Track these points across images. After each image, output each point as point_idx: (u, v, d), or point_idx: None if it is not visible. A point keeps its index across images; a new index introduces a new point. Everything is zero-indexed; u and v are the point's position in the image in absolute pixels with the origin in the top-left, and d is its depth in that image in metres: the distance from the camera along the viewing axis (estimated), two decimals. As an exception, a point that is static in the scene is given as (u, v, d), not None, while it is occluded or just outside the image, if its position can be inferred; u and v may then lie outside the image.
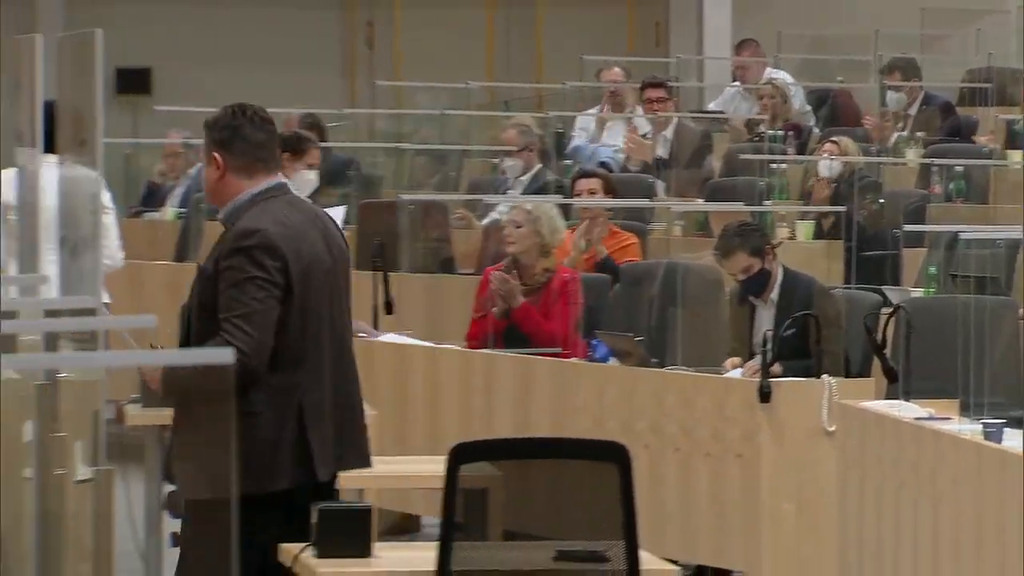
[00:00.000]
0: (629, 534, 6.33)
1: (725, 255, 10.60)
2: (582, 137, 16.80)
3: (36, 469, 5.15)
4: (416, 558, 6.68)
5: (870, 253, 12.80)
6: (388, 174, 16.29)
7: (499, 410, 11.10)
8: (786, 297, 10.44)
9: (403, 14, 20.31)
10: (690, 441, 10.33)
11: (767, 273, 10.51)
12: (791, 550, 10.09)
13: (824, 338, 10.22)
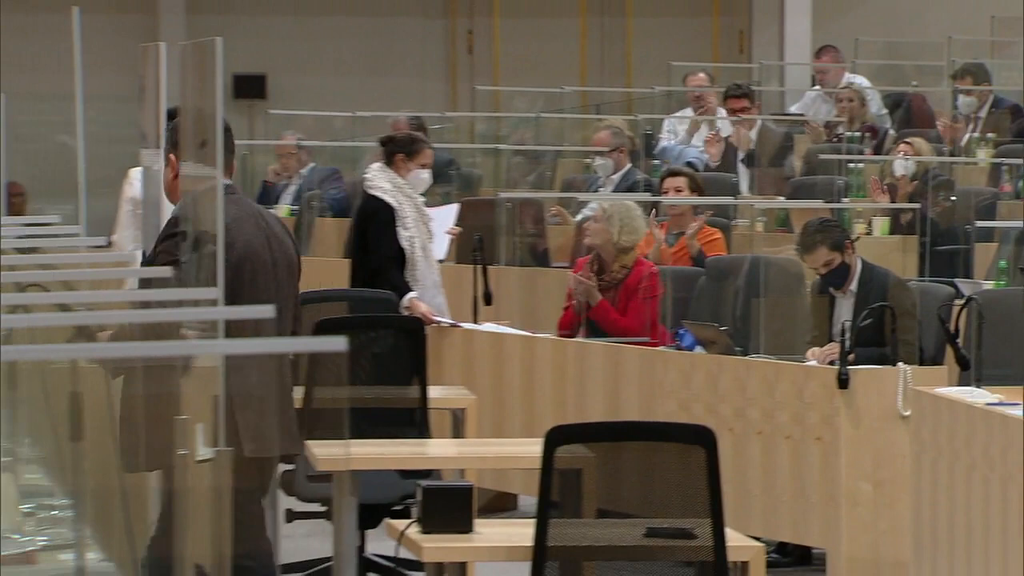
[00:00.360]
0: (715, 512, 6.33)
1: (807, 250, 10.58)
2: (669, 138, 16.80)
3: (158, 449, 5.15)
4: (515, 534, 6.69)
5: (943, 248, 12.76)
6: (487, 173, 16.31)
7: (591, 395, 11.10)
8: (864, 289, 10.41)
9: (501, 23, 20.30)
10: (772, 425, 10.32)
11: (846, 266, 10.48)
12: (868, 528, 10.06)
13: (900, 328, 10.19)
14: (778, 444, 10.29)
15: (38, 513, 5.50)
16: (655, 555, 6.41)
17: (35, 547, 5.36)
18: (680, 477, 6.40)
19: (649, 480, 6.49)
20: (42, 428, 5.40)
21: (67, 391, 5.15)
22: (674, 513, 6.40)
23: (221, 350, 5.44)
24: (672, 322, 11.10)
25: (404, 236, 11.43)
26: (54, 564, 5.24)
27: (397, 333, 9.70)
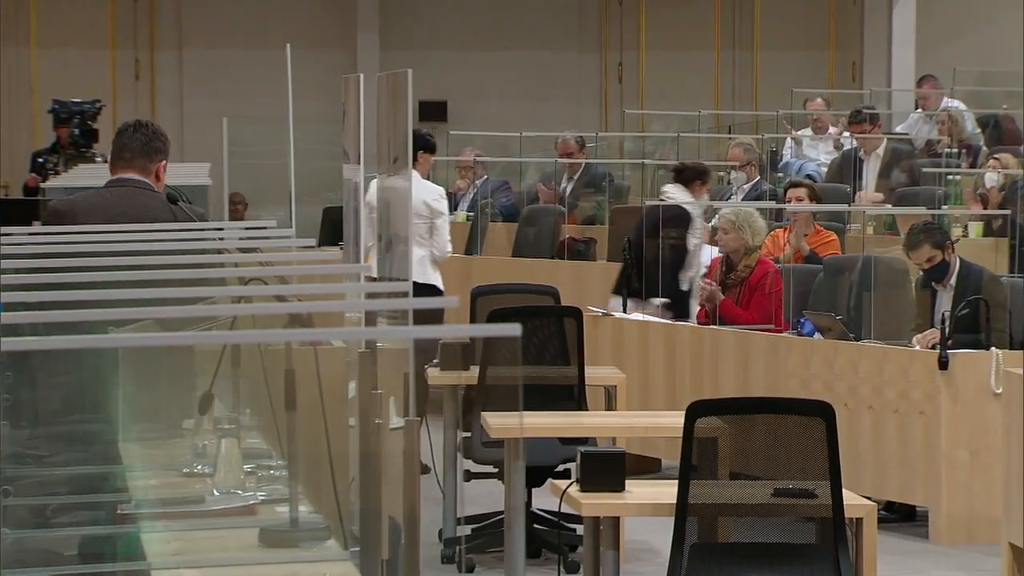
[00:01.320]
0: (833, 475, 6.30)
1: (912, 248, 10.52)
2: (789, 154, 16.72)
3: (358, 419, 5.18)
4: (660, 493, 6.68)
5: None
6: (634, 184, 16.29)
7: (724, 375, 11.09)
8: (962, 283, 10.33)
9: (647, 56, 20.29)
10: (881, 400, 10.26)
11: (946, 264, 10.41)
12: (964, 489, 9.99)
13: (993, 317, 10.12)
14: (887, 417, 10.24)
15: (258, 472, 5.54)
16: (781, 512, 6.38)
17: (256, 501, 5.40)
18: (802, 445, 6.38)
19: (775, 447, 6.46)
20: (261, 400, 5.43)
21: (282, 369, 5.19)
22: (797, 476, 6.37)
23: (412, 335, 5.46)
24: (794, 312, 11.06)
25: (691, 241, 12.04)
26: (271, 516, 5.27)
27: (558, 320, 9.70)
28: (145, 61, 20.01)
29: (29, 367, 4.75)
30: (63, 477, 5.31)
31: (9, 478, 4.46)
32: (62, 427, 5.36)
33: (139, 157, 7.29)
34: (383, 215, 7.73)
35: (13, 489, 4.45)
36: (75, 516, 5.19)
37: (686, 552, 6.34)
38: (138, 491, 5.41)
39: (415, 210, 11.80)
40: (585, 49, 20.35)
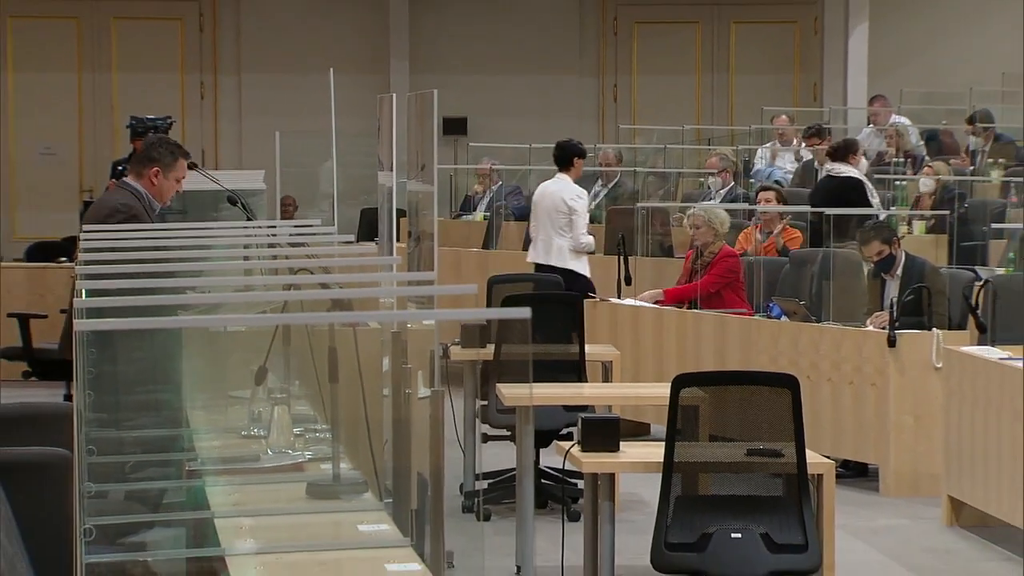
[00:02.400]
0: (798, 438, 6.28)
1: (865, 244, 10.50)
2: (760, 163, 16.69)
3: (391, 389, 5.18)
4: (650, 453, 6.67)
5: (966, 243, 12.63)
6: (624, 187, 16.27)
7: (704, 352, 11.07)
8: (907, 274, 10.31)
9: (638, 78, 20.26)
10: (838, 374, 10.25)
11: (894, 257, 10.39)
12: (910, 450, 9.98)
13: (934, 303, 10.10)
14: (843, 388, 10.23)
15: (305, 435, 5.54)
16: (753, 469, 6.37)
17: (303, 460, 5.40)
18: (771, 411, 6.36)
19: (748, 413, 6.44)
20: (308, 374, 5.43)
21: (326, 347, 5.18)
22: (767, 438, 6.35)
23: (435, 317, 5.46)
24: (764, 298, 11.06)
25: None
26: (317, 472, 5.27)
27: (562, 305, 9.69)
28: (209, 84, 20.00)
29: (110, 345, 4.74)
30: (139, 439, 5.32)
31: (93, 439, 4.45)
32: (138, 396, 5.36)
33: (134, 163, 7.51)
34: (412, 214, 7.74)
35: (96, 448, 4.45)
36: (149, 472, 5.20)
37: (672, 503, 6.33)
38: (203, 451, 5.42)
39: (556, 207, 12.19)
40: (585, 73, 20.31)
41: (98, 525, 4.14)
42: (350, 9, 19.72)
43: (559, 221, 12.11)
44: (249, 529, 4.78)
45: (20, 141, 19.72)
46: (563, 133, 18.55)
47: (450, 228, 15.32)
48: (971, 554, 8.79)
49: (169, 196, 7.43)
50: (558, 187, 12.29)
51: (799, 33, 20.28)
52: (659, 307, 11.55)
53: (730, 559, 6.25)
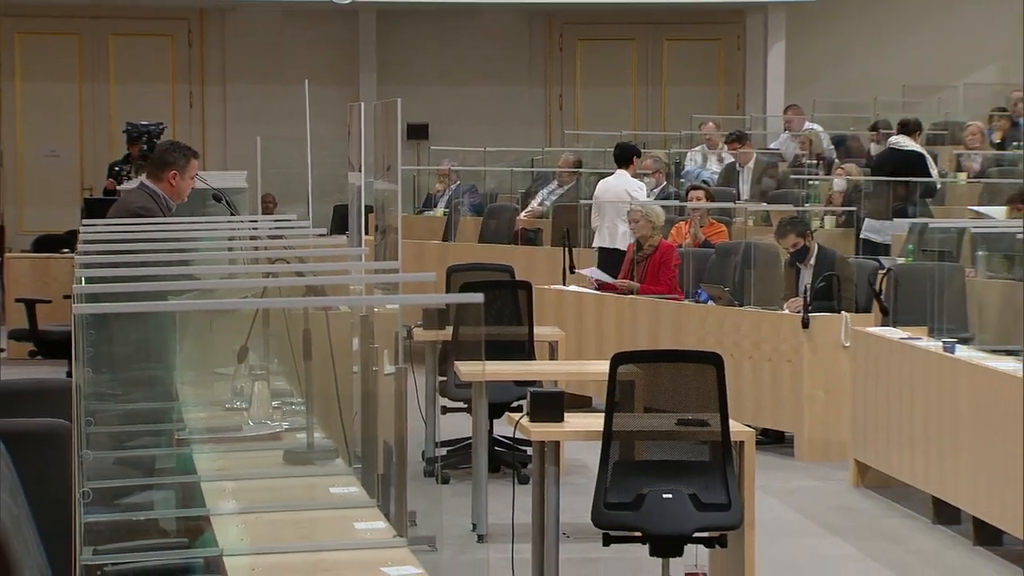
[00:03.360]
0: (722, 409, 6.28)
1: (781, 236, 10.53)
2: (691, 164, 16.70)
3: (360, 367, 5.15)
4: (591, 423, 6.67)
5: (871, 236, 12.70)
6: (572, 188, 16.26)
7: (639, 333, 11.09)
8: (819, 263, 10.34)
9: (581, 89, 20.26)
10: (758, 352, 10.28)
11: (807, 248, 10.41)
12: (821, 419, 10.02)
13: (843, 289, 10.14)
14: (762, 365, 10.25)
15: (282, 408, 5.51)
16: (683, 437, 6.36)
17: (281, 429, 5.38)
18: (699, 385, 6.35)
19: (678, 387, 6.44)
20: (285, 352, 5.40)
21: (301, 328, 5.16)
22: (695, 409, 6.35)
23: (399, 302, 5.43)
24: (693, 285, 11.07)
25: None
26: (293, 441, 5.25)
27: (513, 291, 9.68)
28: (197, 94, 19.90)
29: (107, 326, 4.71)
30: (133, 411, 5.28)
31: (92, 411, 4.42)
32: (132, 373, 5.33)
33: (150, 167, 7.55)
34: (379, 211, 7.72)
35: (94, 419, 4.42)
36: (142, 441, 5.17)
37: (610, 468, 6.32)
38: (191, 421, 5.39)
39: (620, 196, 12.34)
40: (534, 84, 20.29)
41: (95, 488, 4.12)
42: (323, 27, 19.66)
43: (623, 210, 12.32)
44: (232, 492, 4.76)
45: (27, 144, 19.61)
46: (514, 138, 18.60)
47: (413, 223, 15.29)
48: (875, 512, 8.83)
49: (187, 193, 7.55)
50: (619, 182, 12.66)
51: (724, 50, 20.32)
52: (600, 293, 11.56)
53: (662, 517, 6.25)
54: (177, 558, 4.23)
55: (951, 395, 8.14)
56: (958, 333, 8.65)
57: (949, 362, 8.19)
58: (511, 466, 9.17)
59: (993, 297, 9.45)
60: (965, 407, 7.97)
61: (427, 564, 4.05)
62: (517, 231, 14.58)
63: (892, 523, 8.57)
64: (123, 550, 4.22)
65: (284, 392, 5.57)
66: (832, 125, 17.98)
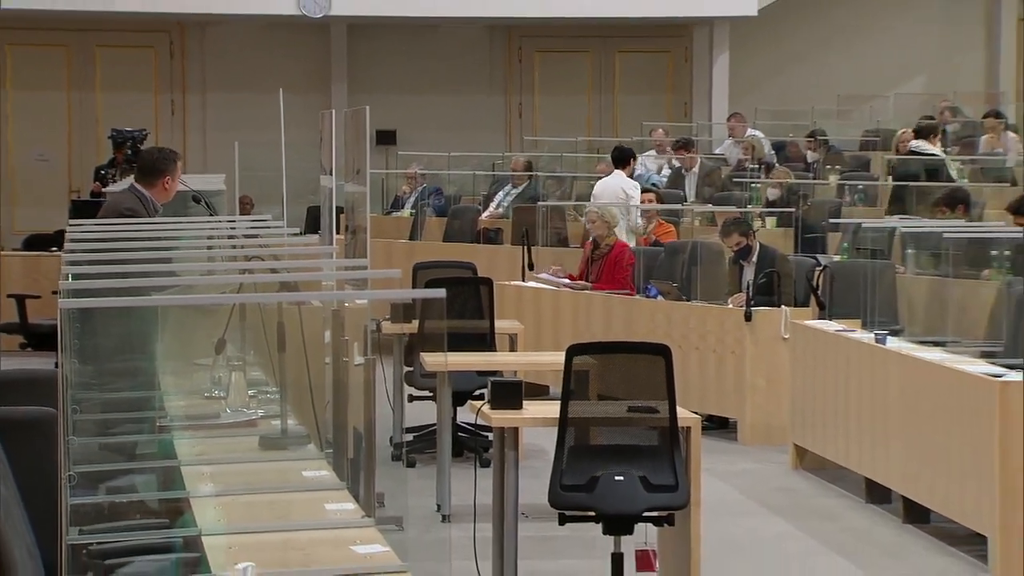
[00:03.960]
0: (670, 397, 6.29)
1: (726, 236, 10.55)
2: (642, 169, 16.71)
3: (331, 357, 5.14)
4: (548, 410, 6.67)
5: (808, 235, 12.72)
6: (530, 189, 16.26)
7: (594, 325, 11.10)
8: (761, 261, 10.37)
9: (539, 97, 20.24)
10: (704, 344, 10.30)
11: (750, 247, 10.44)
12: (762, 406, 10.05)
13: (783, 285, 10.16)
14: (708, 356, 10.28)
15: (258, 396, 5.49)
16: (634, 423, 6.36)
17: (256, 417, 5.35)
18: (648, 375, 6.35)
19: (629, 377, 6.44)
20: (260, 344, 5.38)
21: (275, 321, 5.14)
22: (645, 397, 6.35)
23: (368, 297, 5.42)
24: (643, 281, 11.09)
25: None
26: (268, 427, 5.23)
27: (475, 287, 9.67)
28: (179, 102, 19.81)
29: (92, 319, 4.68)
30: (117, 399, 5.25)
31: (78, 400, 4.39)
32: (116, 363, 5.29)
33: (142, 173, 7.55)
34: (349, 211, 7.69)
35: (79, 408, 4.38)
36: (126, 427, 5.14)
37: (566, 452, 6.32)
38: (172, 409, 5.36)
39: (616, 195, 12.42)
40: (494, 93, 20.26)
41: (81, 472, 4.09)
42: (297, 39, 19.60)
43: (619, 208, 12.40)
44: (210, 475, 4.73)
45: (18, 149, 19.50)
46: (477, 144, 18.57)
47: (381, 223, 15.26)
48: (812, 491, 8.86)
49: (173, 193, 7.58)
50: (615, 181, 12.76)
51: (672, 61, 20.35)
52: (557, 289, 11.56)
53: (614, 498, 6.26)
54: (158, 537, 4.21)
55: (882, 383, 8.17)
56: (889, 326, 8.68)
57: (880, 352, 8.22)
58: (473, 451, 9.16)
59: (921, 292, 9.48)
60: (895, 394, 8.01)
61: (394, 543, 4.04)
62: (479, 231, 14.57)
63: (827, 503, 8.60)
64: (107, 530, 4.19)
65: (260, 382, 5.54)
66: (773, 132, 18.04)
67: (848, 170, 16.00)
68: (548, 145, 18.07)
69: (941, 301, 8.86)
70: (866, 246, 10.58)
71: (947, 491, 7.50)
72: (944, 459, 7.50)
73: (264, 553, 3.98)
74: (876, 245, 10.58)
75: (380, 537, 4.10)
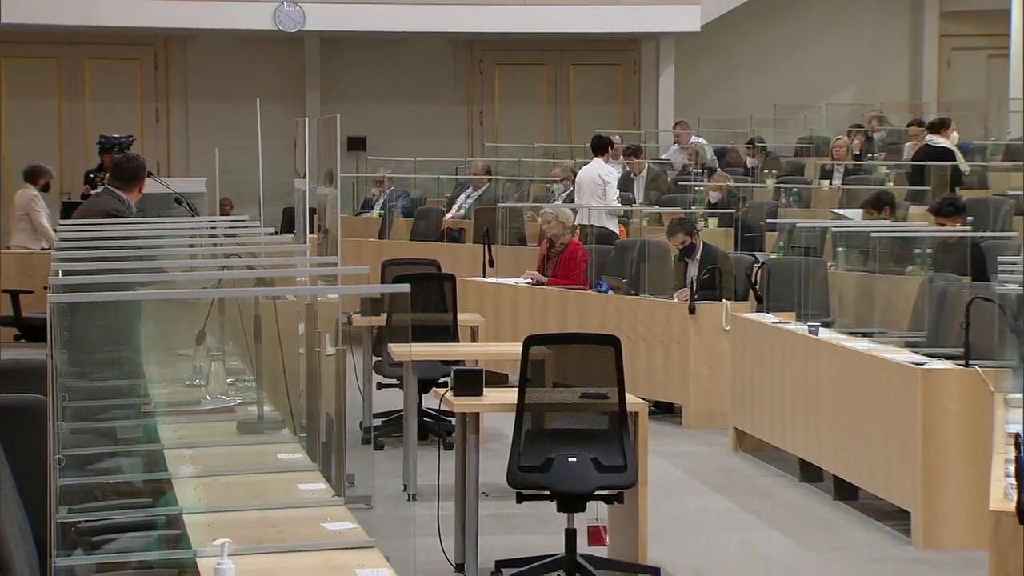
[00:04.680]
0: (620, 384, 6.29)
1: (672, 235, 10.56)
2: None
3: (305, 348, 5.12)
4: (507, 396, 6.67)
5: (747, 234, 12.76)
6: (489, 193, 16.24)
7: (550, 318, 11.09)
8: (704, 258, 10.39)
9: (499, 107, 20.23)
10: (651, 335, 10.31)
11: (694, 245, 10.45)
12: (705, 392, 10.07)
13: (724, 280, 10.18)
14: (655, 346, 10.29)
15: (236, 384, 5.46)
16: (586, 408, 6.37)
17: (235, 403, 5.32)
18: (600, 364, 6.36)
19: (582, 365, 6.45)
20: (238, 336, 5.35)
21: (252, 315, 5.11)
22: (596, 384, 6.36)
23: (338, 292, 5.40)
24: (596, 277, 11.10)
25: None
26: (245, 413, 5.20)
27: (439, 282, 9.65)
28: (163, 110, 19.71)
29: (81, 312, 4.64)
30: (103, 387, 5.21)
31: (67, 388, 4.36)
32: (103, 353, 5.26)
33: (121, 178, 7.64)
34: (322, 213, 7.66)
35: (68, 395, 4.35)
36: (112, 413, 5.10)
37: (523, 435, 6.32)
38: (155, 396, 5.33)
39: (593, 180, 12.40)
40: (458, 102, 20.24)
41: (69, 455, 4.06)
42: (273, 52, 19.53)
43: (596, 191, 12.42)
44: (191, 457, 4.71)
45: (12, 154, 19.35)
46: (441, 150, 18.55)
47: (352, 223, 15.21)
48: (750, 471, 8.89)
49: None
50: (594, 168, 12.80)
51: (622, 74, 20.38)
52: (516, 284, 11.56)
53: (567, 478, 6.26)
54: (142, 516, 4.18)
55: (815, 371, 8.20)
56: (821, 318, 8.72)
57: (813, 343, 8.26)
58: (437, 434, 9.15)
59: (850, 287, 9.52)
60: (826, 381, 8.04)
61: (363, 520, 4.03)
62: (443, 230, 14.55)
63: (765, 481, 8.63)
64: (94, 509, 4.17)
65: (238, 371, 5.52)
66: (715, 139, 18.09)
67: (784, 174, 16.08)
68: (507, 151, 18.07)
69: (869, 295, 8.91)
70: (800, 244, 10.62)
71: (874, 470, 7.55)
72: (871, 441, 7.54)
73: (241, 530, 3.96)
74: (809, 243, 10.62)
75: (350, 515, 4.09)
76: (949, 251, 9.42)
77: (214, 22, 18.11)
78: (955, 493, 7.00)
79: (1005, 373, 6.56)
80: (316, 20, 18.14)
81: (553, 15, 18.36)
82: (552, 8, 18.33)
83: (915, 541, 7.10)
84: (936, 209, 9.91)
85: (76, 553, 3.93)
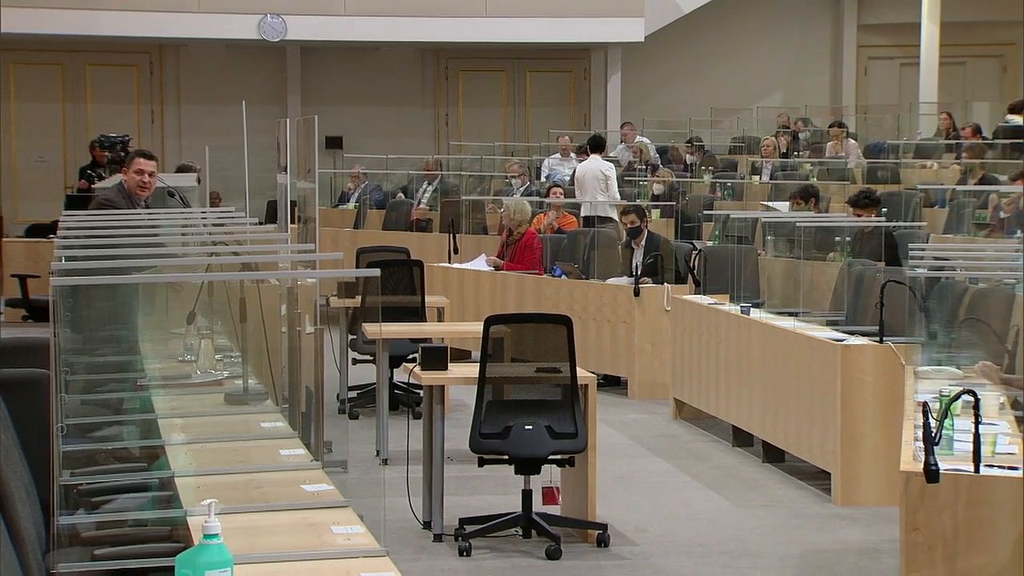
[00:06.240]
0: (572, 359, 6.30)
1: (625, 214, 10.56)
2: (548, 168, 16.70)
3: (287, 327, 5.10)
4: (470, 370, 6.66)
5: (687, 224, 12.79)
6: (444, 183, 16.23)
7: (508, 300, 11.09)
8: (648, 244, 10.40)
9: (464, 109, 20.18)
10: (600, 315, 10.32)
11: (641, 229, 10.45)
12: (648, 366, 10.09)
13: (665, 265, 10.21)
14: (603, 325, 10.30)
15: (224, 360, 5.43)
16: (541, 381, 6.38)
17: (222, 377, 5.30)
18: (554, 341, 6.37)
19: (538, 342, 6.45)
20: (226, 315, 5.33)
21: (238, 297, 5.09)
22: (550, 359, 6.36)
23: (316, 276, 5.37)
24: (550, 262, 11.09)
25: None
26: (232, 386, 5.17)
27: (409, 268, 9.63)
28: (157, 112, 19.57)
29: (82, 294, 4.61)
30: (103, 362, 5.18)
31: (69, 363, 4.33)
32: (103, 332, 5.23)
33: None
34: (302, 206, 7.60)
35: (71, 369, 4.32)
36: (110, 386, 5.07)
37: (484, 406, 6.33)
38: (150, 371, 5.30)
39: (596, 176, 12.31)
40: (426, 105, 20.18)
41: (71, 424, 4.04)
42: (258, 59, 19.42)
43: (599, 186, 12.33)
44: (182, 426, 4.69)
45: (20, 152, 19.22)
46: (410, 148, 18.50)
47: (329, 214, 15.16)
48: (689, 438, 8.92)
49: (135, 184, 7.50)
50: (594, 164, 12.74)
51: (574, 79, 20.38)
52: (482, 270, 11.55)
53: (524, 444, 6.27)
54: (138, 479, 4.16)
55: (746, 347, 8.24)
56: (752, 299, 8.75)
57: (745, 321, 8.29)
58: (407, 405, 9.13)
59: (778, 272, 9.56)
60: (756, 356, 8.08)
61: (339, 482, 4.02)
62: (412, 221, 14.52)
63: (702, 446, 8.66)
64: (94, 472, 4.15)
65: (225, 348, 5.49)
66: (658, 138, 18.12)
67: (719, 170, 16.12)
68: (471, 149, 18.05)
69: (794, 279, 8.95)
70: (734, 233, 10.66)
71: (798, 435, 7.59)
72: (796, 409, 7.58)
73: (228, 492, 3.95)
74: (742, 232, 10.67)
75: (326, 478, 4.09)
76: (866, 239, 9.48)
77: (204, 32, 17.99)
78: (870, 455, 7.05)
79: (915, 348, 6.61)
80: (297, 31, 18.06)
81: (512, 26, 18.35)
82: (511, 20, 18.32)
83: (835, 499, 7.15)
84: (854, 201, 9.96)
85: (78, 513, 3.91)
